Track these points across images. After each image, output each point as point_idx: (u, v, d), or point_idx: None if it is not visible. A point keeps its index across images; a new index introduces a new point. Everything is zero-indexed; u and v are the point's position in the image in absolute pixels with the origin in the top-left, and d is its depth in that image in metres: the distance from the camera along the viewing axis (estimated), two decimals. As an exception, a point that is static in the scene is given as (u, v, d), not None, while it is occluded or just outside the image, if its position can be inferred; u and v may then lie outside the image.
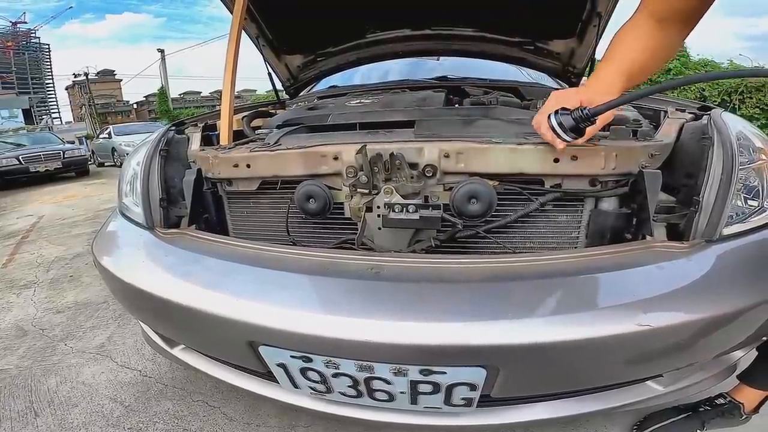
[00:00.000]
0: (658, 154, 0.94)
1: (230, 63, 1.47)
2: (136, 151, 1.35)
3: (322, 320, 0.74)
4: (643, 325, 0.69)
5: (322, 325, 0.73)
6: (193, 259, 0.96)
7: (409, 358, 0.73)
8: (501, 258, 0.88)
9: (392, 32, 2.26)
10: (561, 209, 1.01)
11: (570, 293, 0.76)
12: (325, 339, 0.73)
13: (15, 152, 9.59)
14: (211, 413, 1.42)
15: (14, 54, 70.51)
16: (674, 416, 1.19)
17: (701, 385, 0.97)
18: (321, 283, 0.82)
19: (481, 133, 1.04)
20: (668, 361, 0.81)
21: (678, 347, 0.75)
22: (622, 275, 0.79)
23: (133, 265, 1.01)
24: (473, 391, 0.78)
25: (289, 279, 0.83)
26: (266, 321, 0.76)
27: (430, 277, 0.81)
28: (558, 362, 0.74)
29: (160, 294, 0.88)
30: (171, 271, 0.93)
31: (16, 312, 2.39)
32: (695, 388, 0.97)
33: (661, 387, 0.93)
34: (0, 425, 1.43)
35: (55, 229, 4.53)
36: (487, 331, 0.69)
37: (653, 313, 0.71)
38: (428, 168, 0.95)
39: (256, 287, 0.83)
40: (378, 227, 0.98)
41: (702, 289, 0.76)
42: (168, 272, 0.93)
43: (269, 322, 0.76)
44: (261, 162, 1.05)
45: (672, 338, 0.72)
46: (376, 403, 0.87)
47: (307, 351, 0.77)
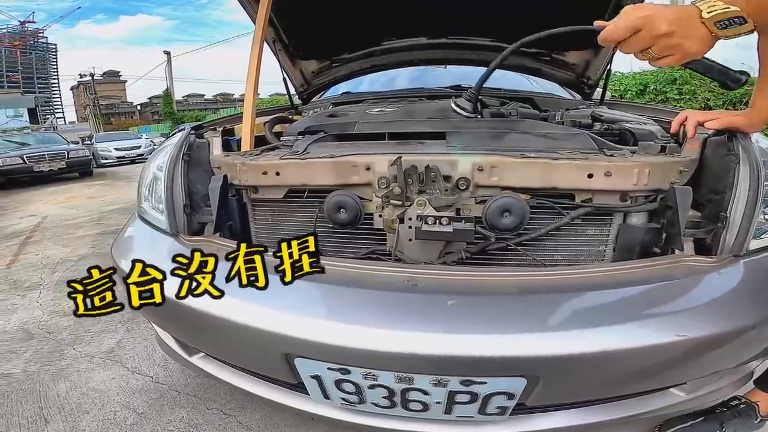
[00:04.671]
0: (686, 170, 0.95)
1: (253, 69, 1.46)
2: (155, 155, 1.34)
3: (364, 333, 0.73)
4: (681, 336, 0.72)
5: (365, 338, 0.73)
6: (223, 269, 0.93)
7: (452, 369, 0.74)
8: (536, 271, 0.89)
9: (409, 40, 2.27)
10: (589, 223, 1.02)
11: (609, 305, 0.79)
12: (368, 352, 0.73)
13: (19, 151, 9.59)
14: (227, 422, 1.40)
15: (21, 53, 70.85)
16: (693, 419, 1.20)
17: (721, 391, 1.00)
18: (359, 295, 0.81)
19: (512, 147, 1.04)
20: (695, 370, 0.86)
21: (707, 357, 0.79)
22: (658, 288, 0.82)
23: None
24: (510, 400, 0.80)
25: (327, 291, 0.83)
26: (305, 334, 0.75)
27: (466, 290, 0.82)
28: (595, 371, 0.77)
29: (190, 304, 0.86)
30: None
31: (22, 314, 2.36)
32: (715, 394, 1.00)
33: (684, 394, 0.95)
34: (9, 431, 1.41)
35: (60, 230, 4.52)
36: (531, 343, 0.72)
37: (688, 325, 0.74)
38: (462, 181, 0.95)
39: (293, 299, 0.82)
40: (409, 239, 0.98)
41: (731, 302, 0.81)
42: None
43: (309, 335, 0.75)
44: (290, 170, 1.04)
45: (703, 348, 0.77)
46: (408, 413, 0.87)
47: (347, 363, 0.77)
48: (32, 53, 73.05)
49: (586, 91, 2.17)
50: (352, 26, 2.08)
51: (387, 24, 2.16)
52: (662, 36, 0.73)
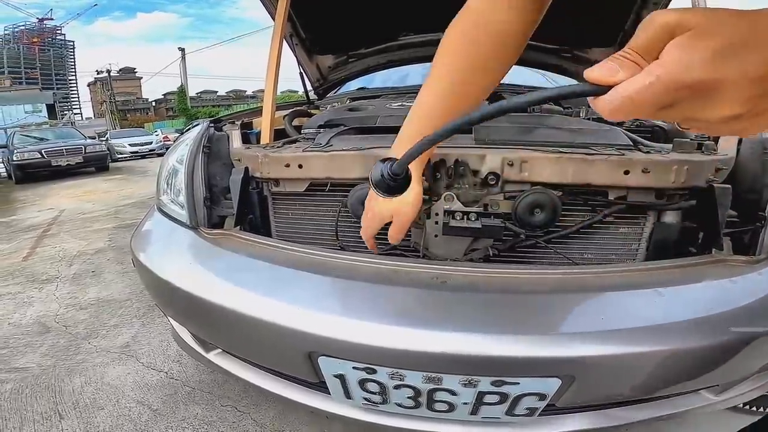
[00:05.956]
0: (724, 168, 0.92)
1: (273, 62, 1.44)
2: (174, 148, 1.32)
3: (393, 332, 0.71)
4: (727, 335, 0.71)
5: (394, 337, 0.70)
6: (245, 263, 0.92)
7: (485, 369, 0.71)
8: (571, 269, 0.86)
9: (427, 35, 2.24)
10: (622, 221, 0.99)
11: (649, 304, 0.76)
12: (397, 351, 0.70)
13: (37, 146, 9.76)
14: (241, 419, 1.38)
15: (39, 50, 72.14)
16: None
17: (750, 394, 0.97)
18: (387, 292, 0.78)
19: (543, 141, 1.00)
20: (733, 372, 0.83)
21: (744, 358, 0.77)
22: (698, 288, 0.81)
23: (179, 267, 0.98)
24: (541, 400, 0.77)
25: (353, 287, 0.80)
26: (332, 332, 0.72)
27: (498, 288, 0.79)
28: (631, 372, 0.75)
29: (212, 299, 0.84)
30: (223, 276, 0.89)
31: (38, 307, 2.37)
32: (743, 397, 0.96)
33: (714, 395, 0.92)
34: (23, 427, 1.40)
35: (76, 223, 4.57)
36: (568, 343, 0.70)
37: (730, 326, 0.73)
38: (491, 176, 0.92)
39: (318, 296, 0.79)
40: (435, 234, 0.94)
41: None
42: (221, 277, 0.89)
43: (335, 334, 0.72)
44: (314, 163, 1.01)
45: (744, 350, 0.75)
46: (432, 414, 0.85)
47: (373, 363, 0.74)
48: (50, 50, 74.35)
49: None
50: (370, 21, 2.06)
51: (404, 19, 2.13)
52: (722, 122, 0.31)
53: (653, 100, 0.30)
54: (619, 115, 0.32)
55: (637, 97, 0.30)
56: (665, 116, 0.32)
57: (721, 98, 0.29)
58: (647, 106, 0.30)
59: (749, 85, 0.28)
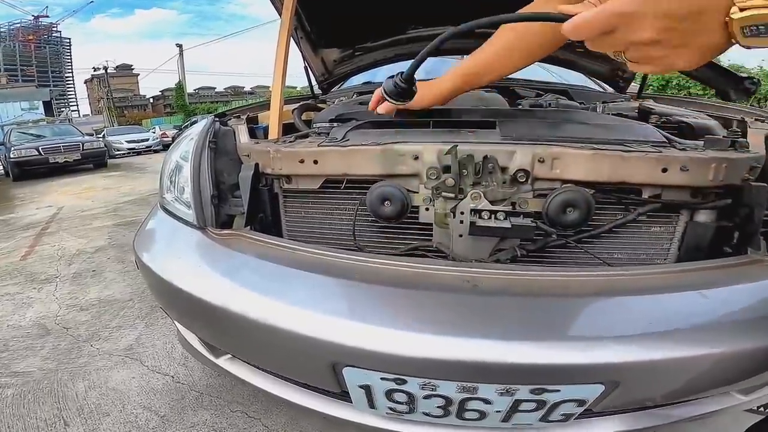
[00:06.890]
0: (758, 165, 0.89)
1: (281, 56, 1.38)
2: (178, 144, 1.27)
3: (426, 341, 0.66)
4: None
5: (427, 346, 0.65)
6: (259, 266, 0.86)
7: (525, 378, 0.68)
8: (609, 271, 0.83)
9: (435, 29, 2.18)
10: (655, 220, 0.94)
11: (694, 307, 0.73)
12: (431, 361, 0.66)
13: (35, 143, 9.67)
14: (252, 425, 1.33)
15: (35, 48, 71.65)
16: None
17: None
18: (415, 297, 0.73)
19: (573, 137, 0.95)
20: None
21: None
22: (743, 289, 0.78)
23: (187, 270, 0.92)
24: (580, 406, 0.74)
25: (379, 293, 0.74)
26: (359, 342, 0.67)
27: (535, 291, 0.74)
28: (678, 376, 0.72)
29: (224, 305, 0.79)
30: (237, 281, 0.84)
31: (38, 308, 2.32)
32: (766, 398, 0.94)
33: (744, 396, 0.91)
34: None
35: (75, 221, 4.50)
36: (615, 348, 0.67)
37: None
38: (521, 173, 0.86)
39: (342, 303, 0.74)
40: (460, 234, 0.89)
41: None
42: (235, 282, 0.84)
43: (363, 344, 0.67)
44: (330, 158, 0.95)
45: None
46: (460, 422, 0.81)
47: (404, 373, 0.69)
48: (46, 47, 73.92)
49: (620, 84, 2.08)
50: (378, 14, 2.00)
51: (414, 12, 2.07)
52: (641, 44, 0.48)
53: (601, 23, 0.46)
54: (580, 33, 0.48)
55: (592, 19, 0.46)
56: (612, 41, 0.48)
57: (641, 25, 0.45)
58: (597, 26, 0.47)
59: (662, 17, 0.44)
